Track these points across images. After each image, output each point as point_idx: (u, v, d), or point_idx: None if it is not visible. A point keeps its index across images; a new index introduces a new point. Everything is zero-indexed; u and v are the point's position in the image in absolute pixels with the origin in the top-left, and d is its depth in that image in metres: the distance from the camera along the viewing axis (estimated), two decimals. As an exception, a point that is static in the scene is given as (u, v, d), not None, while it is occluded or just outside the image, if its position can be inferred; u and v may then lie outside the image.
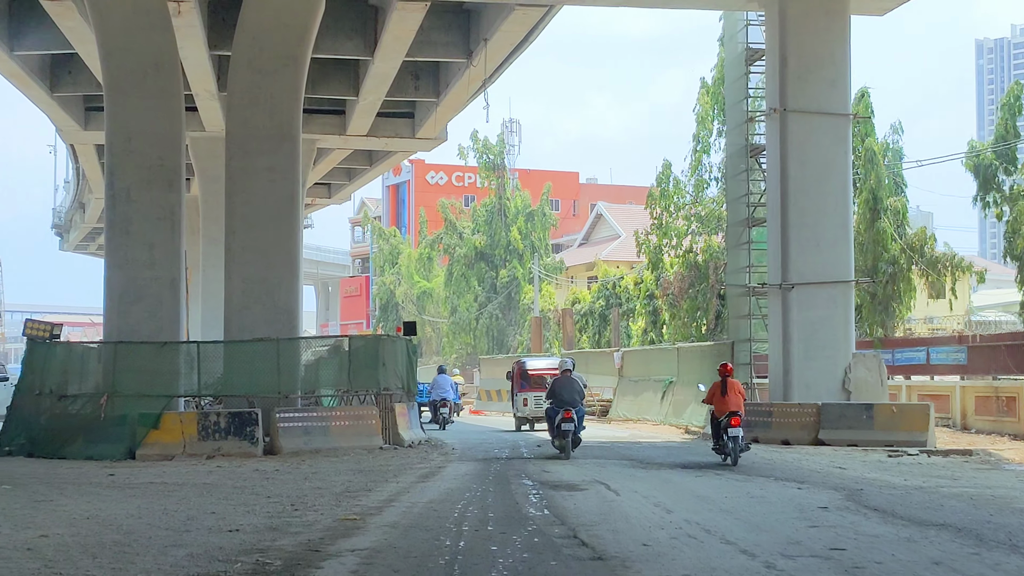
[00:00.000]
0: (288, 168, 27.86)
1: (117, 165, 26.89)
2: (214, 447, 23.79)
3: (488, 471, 20.39)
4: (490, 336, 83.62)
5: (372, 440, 25.08)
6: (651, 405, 37.12)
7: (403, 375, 27.18)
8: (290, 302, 27.60)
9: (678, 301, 50.04)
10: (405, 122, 45.48)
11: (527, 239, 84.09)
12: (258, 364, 25.38)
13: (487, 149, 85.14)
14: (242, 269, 27.35)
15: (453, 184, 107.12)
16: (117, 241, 26.72)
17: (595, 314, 66.40)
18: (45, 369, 25.61)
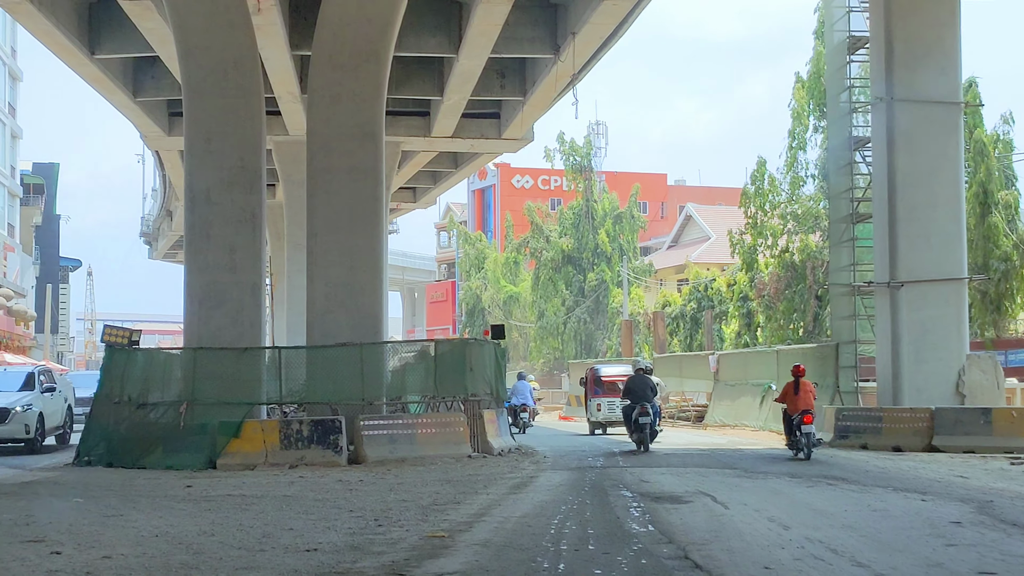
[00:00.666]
0: (371, 167, 26.92)
1: (196, 167, 26.13)
2: (297, 456, 22.90)
3: (583, 481, 19.26)
4: (578, 340, 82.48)
5: (460, 448, 24.03)
6: (749, 410, 35.77)
7: (491, 380, 26.13)
8: (374, 306, 26.65)
9: (774, 303, 48.62)
10: (491, 123, 44.46)
11: (615, 242, 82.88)
12: (341, 370, 24.44)
13: (574, 151, 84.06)
14: (325, 272, 26.44)
15: (539, 188, 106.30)
16: (197, 245, 25.94)
17: (686, 317, 65.09)
18: (124, 376, 24.83)
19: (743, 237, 50.26)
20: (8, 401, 28.21)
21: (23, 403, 28.41)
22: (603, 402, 36.27)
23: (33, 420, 28.33)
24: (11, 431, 27.99)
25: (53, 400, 30.16)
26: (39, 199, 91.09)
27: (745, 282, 56.13)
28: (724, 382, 38.34)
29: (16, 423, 27.97)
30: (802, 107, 47.87)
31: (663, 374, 43.94)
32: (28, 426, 28.15)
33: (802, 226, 48.17)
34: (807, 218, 47.78)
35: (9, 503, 15.98)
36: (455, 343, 26.05)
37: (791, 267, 47.95)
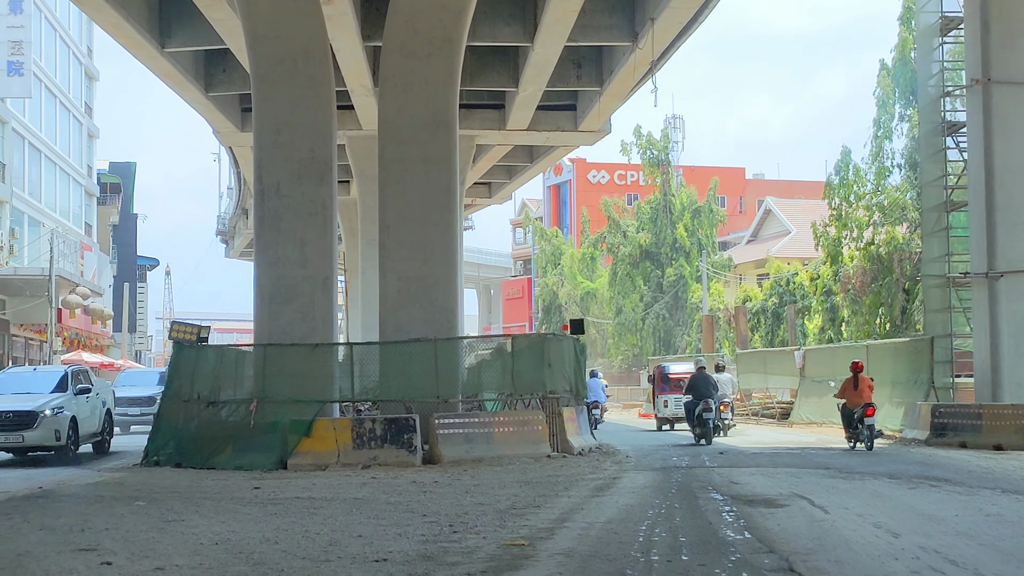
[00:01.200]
0: (444, 157, 26.08)
1: (266, 158, 25.42)
2: (370, 456, 22.11)
3: (669, 482, 18.29)
4: (656, 337, 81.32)
5: (538, 447, 23.13)
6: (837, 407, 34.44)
7: (571, 376, 25.20)
8: (449, 301, 25.80)
9: (859, 296, 47.18)
10: (567, 115, 43.44)
11: (693, 236, 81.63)
12: (415, 367, 23.61)
13: (651, 145, 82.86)
14: (397, 266, 25.63)
15: (615, 183, 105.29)
16: (267, 238, 25.24)
17: (767, 312, 63.73)
18: (193, 374, 24.17)
19: (827, 229, 48.85)
20: (36, 404, 25.45)
21: (53, 406, 25.61)
22: (670, 398, 37.36)
23: (65, 425, 25.58)
24: (40, 437, 25.25)
25: (88, 403, 27.55)
26: (116, 198, 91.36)
27: (829, 276, 54.71)
28: (810, 378, 37.09)
29: (46, 428, 25.17)
30: (887, 95, 46.45)
31: (746, 370, 42.81)
32: (59, 432, 25.35)
33: (888, 217, 46.70)
34: (894, 209, 46.32)
35: (69, 506, 15.30)
36: (533, 338, 25.14)
37: (877, 260, 46.51)
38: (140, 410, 38.81)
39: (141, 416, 38.08)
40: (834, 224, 48.13)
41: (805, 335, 57.17)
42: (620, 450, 25.83)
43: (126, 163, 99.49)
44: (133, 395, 39.70)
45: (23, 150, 67.32)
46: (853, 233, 47.40)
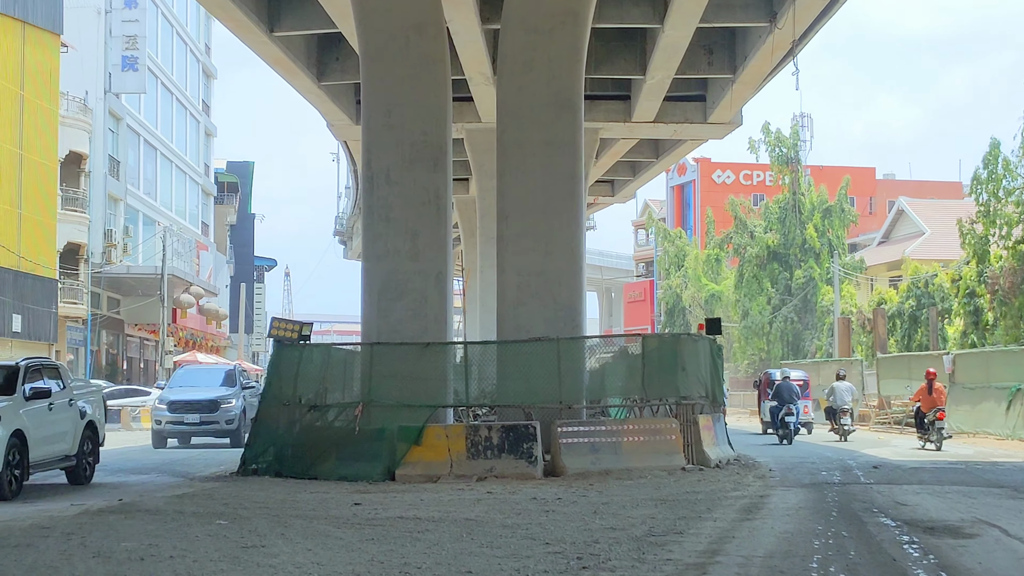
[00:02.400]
0: (568, 141, 23.96)
1: (374, 142, 23.53)
2: (485, 467, 20.06)
3: (825, 502, 15.98)
4: (784, 341, 78.37)
5: (672, 459, 20.87)
6: (992, 416, 31.77)
7: (707, 381, 22.86)
8: (572, 297, 23.66)
9: (1008, 298, 44.10)
10: (695, 106, 40.99)
11: (824, 237, 78.46)
12: (535, 369, 21.44)
13: (780, 142, 79.83)
14: (516, 260, 23.55)
15: (741, 183, 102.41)
16: (376, 230, 23.34)
17: (904, 315, 60.57)
18: (296, 375, 22.27)
19: (973, 227, 45.75)
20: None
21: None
22: None
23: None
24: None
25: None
26: (233, 198, 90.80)
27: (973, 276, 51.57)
28: (961, 385, 34.31)
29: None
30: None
31: (888, 376, 40.13)
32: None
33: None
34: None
35: (140, 526, 13.41)
36: (666, 338, 22.80)
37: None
38: (200, 417, 32.69)
39: (201, 426, 32.83)
40: (981, 221, 45.06)
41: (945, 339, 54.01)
42: (759, 462, 23.49)
43: (244, 162, 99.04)
44: (189, 398, 33.23)
45: (138, 147, 66.67)
46: (1002, 231, 44.29)
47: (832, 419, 35.23)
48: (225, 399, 32.82)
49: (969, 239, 46.02)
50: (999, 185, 44.06)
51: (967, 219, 46.22)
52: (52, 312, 52.54)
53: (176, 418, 32.76)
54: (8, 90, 49.29)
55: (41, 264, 51.46)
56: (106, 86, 60.61)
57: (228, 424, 32.28)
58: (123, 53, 60.41)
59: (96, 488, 19.57)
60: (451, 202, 23.96)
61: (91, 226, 58.84)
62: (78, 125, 57.42)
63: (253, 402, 28.95)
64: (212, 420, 32.41)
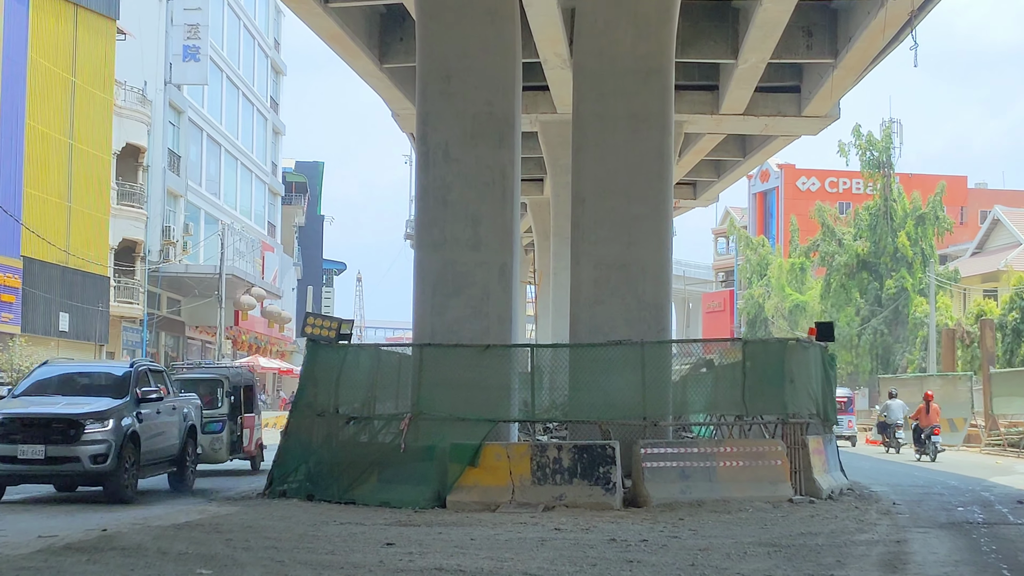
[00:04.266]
0: (657, 113, 20.65)
1: (431, 113, 20.40)
2: (554, 494, 16.78)
3: (983, 554, 12.56)
4: (873, 354, 74.45)
5: (777, 489, 17.44)
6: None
7: (817, 395, 19.31)
8: (658, 294, 20.34)
9: None
10: (789, 97, 37.48)
11: (917, 246, 74.33)
12: (615, 378, 18.03)
13: (871, 145, 75.89)
14: (593, 250, 20.28)
15: (826, 190, 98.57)
16: (432, 214, 20.21)
17: (1007, 328, 56.57)
18: (338, 381, 19.04)
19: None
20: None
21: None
22: None
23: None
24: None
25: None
26: (302, 199, 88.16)
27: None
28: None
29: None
30: None
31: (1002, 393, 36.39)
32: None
33: None
34: None
35: (102, 572, 10.27)
36: (770, 344, 19.17)
37: None
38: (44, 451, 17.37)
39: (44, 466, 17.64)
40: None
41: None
42: (877, 492, 19.99)
43: (314, 163, 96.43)
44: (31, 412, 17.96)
45: (201, 142, 64.09)
46: None
47: (884, 433, 37.69)
48: (94, 418, 17.53)
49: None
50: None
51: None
52: (103, 311, 49.90)
53: (4, 451, 17.43)
54: (59, 76, 46.71)
55: (92, 260, 48.83)
56: (166, 77, 58.05)
57: (95, 463, 17.34)
58: (184, 43, 57.81)
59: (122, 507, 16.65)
60: (518, 184, 20.73)
61: (148, 223, 56.23)
62: (136, 116, 54.88)
63: (162, 422, 19.44)
64: (66, 456, 17.35)
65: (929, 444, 31.92)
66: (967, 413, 38.39)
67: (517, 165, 20.65)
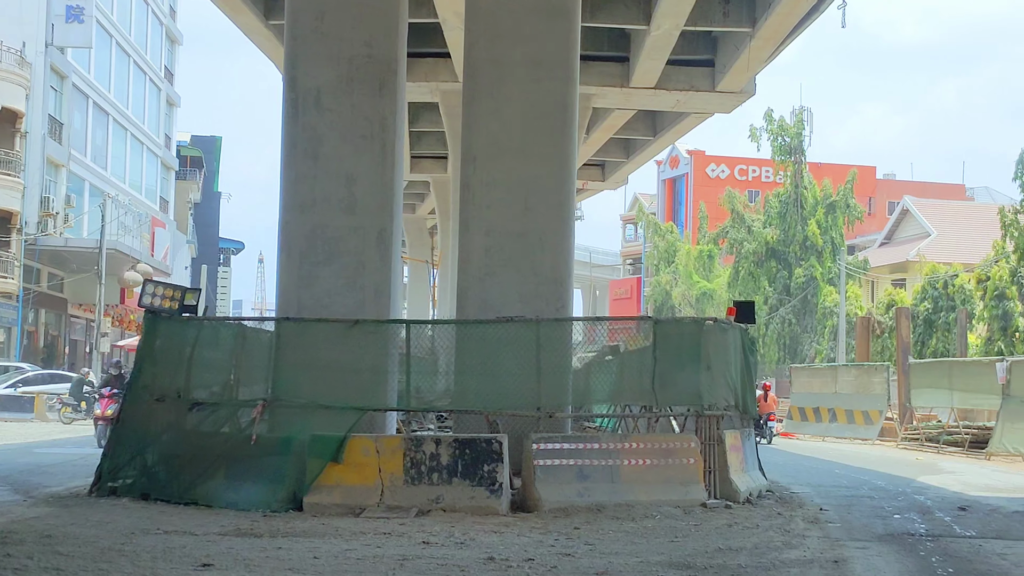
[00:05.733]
0: (561, 60, 18.21)
1: (302, 55, 17.79)
2: (430, 496, 14.29)
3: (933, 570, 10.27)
4: (781, 344, 72.89)
5: (689, 491, 15.10)
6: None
7: (736, 385, 16.97)
8: (559, 268, 17.92)
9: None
10: (703, 71, 35.24)
11: (827, 234, 72.85)
12: (504, 361, 15.52)
13: (783, 130, 74.26)
14: (485, 215, 17.80)
15: (736, 178, 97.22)
16: (299, 170, 17.59)
17: (918, 318, 55.07)
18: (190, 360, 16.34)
19: (1017, 217, 40.03)
20: None
21: None
22: None
23: None
24: None
25: None
26: (197, 174, 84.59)
27: (1004, 277, 46.06)
28: (1019, 398, 28.57)
29: None
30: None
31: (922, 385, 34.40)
32: None
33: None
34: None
35: None
36: (685, 325, 16.56)
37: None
38: None
39: None
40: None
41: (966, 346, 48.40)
42: (799, 494, 17.73)
43: (211, 137, 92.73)
44: None
45: (86, 110, 60.56)
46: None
47: None
48: None
49: (1012, 231, 40.27)
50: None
51: (1009, 209, 40.49)
52: (-28, 285, 46.51)
53: None
54: (-78, 31, 43.31)
55: (-43, 230, 45.45)
56: (47, 38, 54.50)
57: None
58: (67, 2, 54.31)
59: None
60: (402, 139, 18.16)
61: (26, 192, 52.73)
62: (12, 79, 51.36)
63: None
64: None
65: (766, 428, 34.04)
66: (883, 406, 36.39)
67: (400, 117, 18.09)
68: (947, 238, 75.42)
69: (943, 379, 32.73)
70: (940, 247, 72.06)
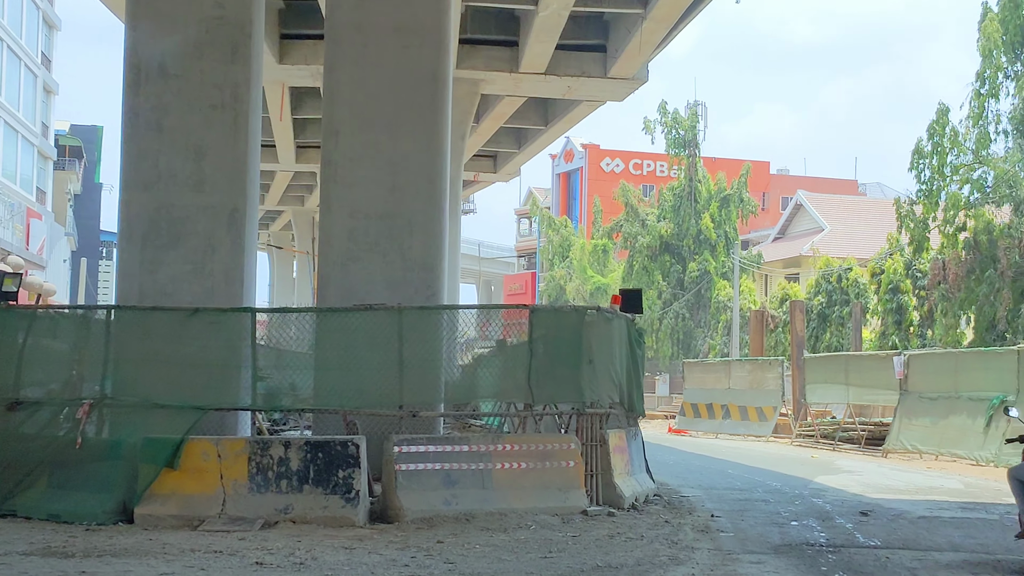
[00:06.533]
0: (433, 26, 16.68)
1: (143, 16, 16.11)
2: (278, 505, 12.72)
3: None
4: (674, 339, 72.04)
5: (568, 497, 13.65)
6: (964, 435, 25.00)
7: (621, 380, 15.56)
8: (430, 253, 16.39)
9: (951, 293, 37.78)
10: (594, 57, 34.01)
11: (720, 228, 72.19)
12: (363, 354, 13.98)
13: (677, 123, 73.47)
14: (348, 194, 16.21)
15: (631, 172, 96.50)
16: (142, 144, 15.91)
17: (812, 312, 54.46)
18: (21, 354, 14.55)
19: (913, 208, 39.26)
20: None
21: None
22: None
23: None
24: None
25: None
26: (76, 164, 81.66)
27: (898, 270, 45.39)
28: (917, 393, 27.58)
29: None
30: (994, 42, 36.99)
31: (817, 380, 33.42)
32: None
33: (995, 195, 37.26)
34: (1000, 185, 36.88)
35: None
36: (565, 314, 15.08)
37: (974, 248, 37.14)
38: None
39: None
40: (922, 202, 38.57)
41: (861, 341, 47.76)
42: (689, 498, 16.40)
43: (91, 126, 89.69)
44: None
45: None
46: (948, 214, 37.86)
47: None
48: None
49: (907, 223, 39.51)
50: (944, 159, 37.59)
51: (905, 200, 39.72)
52: None
53: None
54: None
55: None
56: (-92, 18, 51.82)
57: None
58: (-71, -20, 51.65)
59: None
60: (258, 111, 16.49)
61: None
62: None
63: None
64: None
65: None
66: (777, 401, 35.36)
67: (256, 85, 16.43)
68: (840, 233, 75.29)
69: (839, 374, 31.73)
70: (833, 242, 71.77)
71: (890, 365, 28.95)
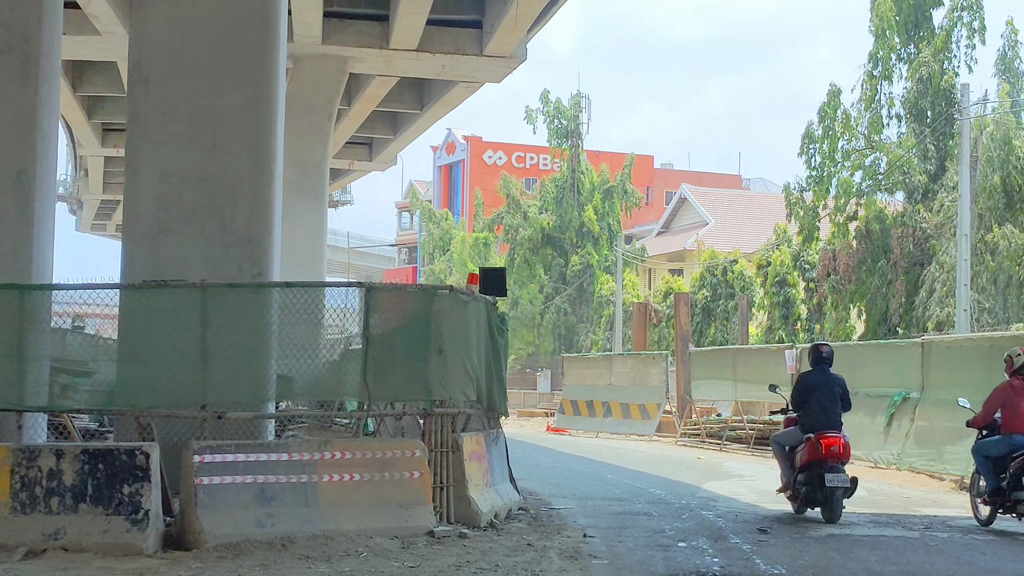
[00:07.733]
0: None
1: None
2: (47, 529, 10.24)
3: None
4: (556, 334, 70.44)
5: (411, 515, 11.30)
6: (862, 434, 23.01)
7: (479, 374, 13.19)
8: (256, 225, 13.85)
9: (842, 285, 36.15)
10: (470, 33, 31.84)
11: (604, 221, 70.70)
12: (160, 341, 11.50)
13: (559, 112, 71.78)
14: (159, 154, 13.62)
15: (513, 165, 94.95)
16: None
17: (697, 306, 52.83)
18: None
19: (802, 195, 37.54)
20: None
21: None
22: None
23: None
24: None
25: None
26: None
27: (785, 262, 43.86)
28: (811, 390, 25.76)
29: None
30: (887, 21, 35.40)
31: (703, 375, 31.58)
32: None
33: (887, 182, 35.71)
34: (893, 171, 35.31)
35: None
36: (409, 294, 12.48)
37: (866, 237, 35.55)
38: None
39: None
40: (812, 189, 36.87)
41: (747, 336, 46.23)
42: (560, 511, 14.15)
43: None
44: None
45: None
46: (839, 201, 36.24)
47: None
48: None
49: (796, 210, 37.80)
50: (835, 144, 35.92)
51: (795, 186, 38.01)
52: None
53: None
54: None
55: None
56: None
57: None
58: None
59: None
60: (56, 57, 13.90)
61: None
62: None
63: None
64: None
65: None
66: (660, 398, 33.40)
67: (54, 28, 13.86)
68: (725, 226, 74.38)
69: (726, 369, 29.82)
70: (718, 235, 70.73)
71: (780, 359, 27.07)
